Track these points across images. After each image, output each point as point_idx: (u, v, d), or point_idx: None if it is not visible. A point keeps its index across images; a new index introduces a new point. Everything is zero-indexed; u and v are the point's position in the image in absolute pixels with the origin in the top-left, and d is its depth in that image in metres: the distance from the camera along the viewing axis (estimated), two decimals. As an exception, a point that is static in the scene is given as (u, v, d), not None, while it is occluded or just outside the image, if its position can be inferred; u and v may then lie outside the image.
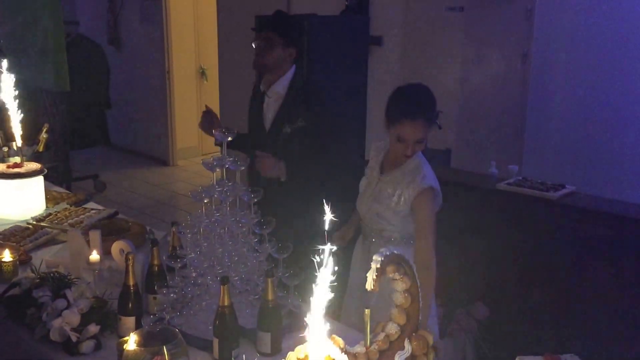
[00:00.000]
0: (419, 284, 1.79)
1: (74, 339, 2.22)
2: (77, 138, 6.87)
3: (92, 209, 3.62)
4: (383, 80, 5.26)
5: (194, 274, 2.34)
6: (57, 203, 3.76)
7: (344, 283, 2.98)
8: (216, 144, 2.61)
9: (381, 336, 1.79)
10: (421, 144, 2.74)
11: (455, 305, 3.38)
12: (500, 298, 3.40)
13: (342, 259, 3.01)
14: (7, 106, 3.54)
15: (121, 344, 2.06)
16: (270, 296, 2.16)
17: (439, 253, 2.95)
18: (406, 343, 1.79)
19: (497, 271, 3.45)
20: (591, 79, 4.46)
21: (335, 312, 2.86)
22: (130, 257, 2.29)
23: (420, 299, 1.83)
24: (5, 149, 3.92)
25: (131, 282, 2.29)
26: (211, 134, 3.10)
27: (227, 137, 2.36)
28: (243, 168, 2.36)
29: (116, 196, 7.20)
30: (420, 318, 1.81)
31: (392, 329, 1.80)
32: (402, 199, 2.71)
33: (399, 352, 1.76)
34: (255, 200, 2.36)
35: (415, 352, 1.81)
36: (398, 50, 5.31)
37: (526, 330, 3.20)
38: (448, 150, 4.38)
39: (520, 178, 3.63)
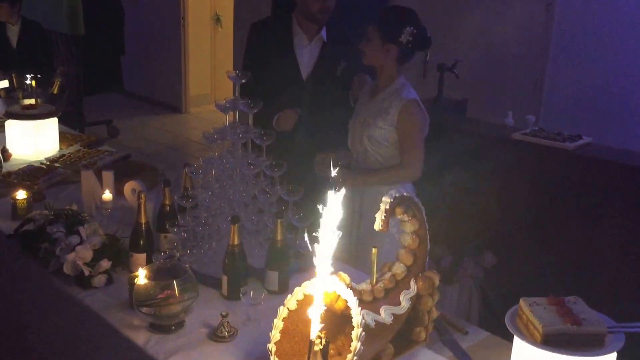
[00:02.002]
0: (422, 212, 1.80)
1: (86, 273, 2.26)
2: (91, 83, 6.86)
3: (106, 151, 3.65)
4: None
5: (204, 214, 2.36)
6: (71, 145, 3.79)
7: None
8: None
9: (387, 275, 1.81)
10: (367, 44, 2.80)
11: (463, 253, 3.39)
12: (509, 247, 3.40)
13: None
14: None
15: (132, 278, 2.09)
16: (279, 236, 2.18)
17: (449, 200, 2.97)
18: (412, 283, 1.81)
19: (508, 221, 3.44)
20: (616, 31, 4.36)
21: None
22: (142, 196, 2.31)
23: (427, 242, 1.84)
24: (20, 91, 3.93)
25: (143, 220, 2.32)
26: None
27: (241, 80, 2.34)
28: (256, 111, 2.34)
29: (129, 142, 7.23)
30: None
31: (399, 269, 1.82)
32: (390, 111, 2.77)
33: (404, 291, 1.78)
34: (268, 142, 2.36)
35: (421, 292, 1.83)
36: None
37: (534, 279, 3.21)
38: (464, 100, 4.32)
39: (537, 128, 3.60)
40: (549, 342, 1.58)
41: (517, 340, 1.69)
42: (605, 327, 1.61)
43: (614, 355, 1.62)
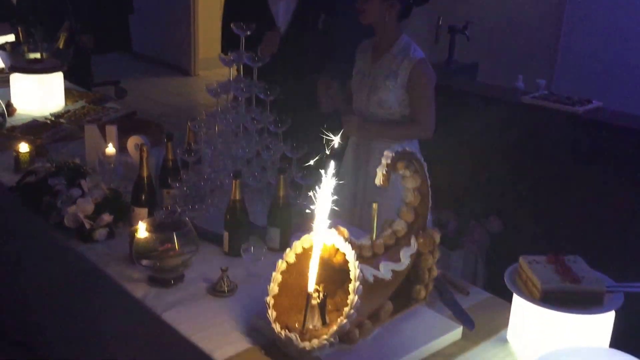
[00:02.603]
0: (424, 168, 1.77)
1: (87, 226, 2.26)
2: (98, 42, 6.78)
3: (111, 108, 3.63)
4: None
5: (207, 170, 2.35)
6: (76, 101, 3.77)
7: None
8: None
9: (388, 232, 1.79)
10: (366, 1, 2.74)
11: (469, 218, 3.36)
12: (516, 213, 3.38)
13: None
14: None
15: (132, 232, 2.09)
16: (281, 193, 2.17)
17: (457, 163, 2.93)
18: (412, 240, 1.79)
19: (515, 185, 3.41)
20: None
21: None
22: (144, 149, 2.29)
23: (429, 199, 1.81)
24: (26, 45, 3.88)
25: (144, 174, 2.31)
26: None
27: (246, 32, 2.30)
28: (261, 64, 2.31)
29: (136, 104, 7.17)
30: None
31: (400, 225, 1.80)
32: (399, 73, 2.74)
33: (404, 248, 1.76)
34: (272, 98, 2.33)
35: (421, 249, 1.81)
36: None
37: (541, 245, 3.19)
38: (475, 64, 4.26)
39: (546, 92, 3.55)
40: (547, 299, 1.57)
41: (516, 297, 1.68)
42: (604, 286, 1.59)
43: (612, 314, 1.61)
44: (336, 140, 1.59)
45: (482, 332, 1.83)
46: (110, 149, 2.66)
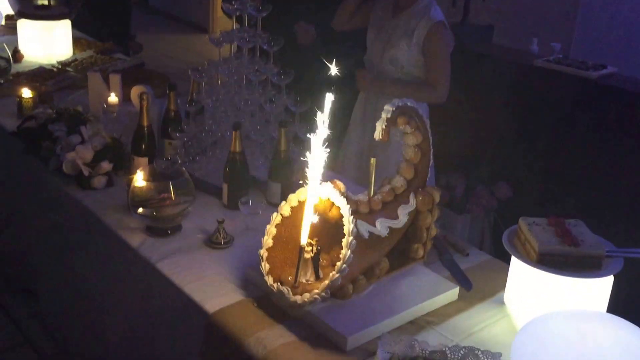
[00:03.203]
0: (426, 125, 1.73)
1: (86, 173, 2.24)
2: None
3: (119, 59, 3.58)
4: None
5: (209, 121, 2.31)
6: (85, 50, 3.73)
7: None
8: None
9: (386, 188, 1.75)
10: None
11: (478, 182, 3.30)
12: (525, 178, 3.32)
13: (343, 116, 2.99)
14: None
15: (130, 180, 2.07)
16: (283, 147, 2.13)
17: (468, 126, 2.87)
18: (411, 197, 1.75)
19: (525, 150, 3.34)
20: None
21: (334, 165, 2.86)
22: (144, 97, 2.26)
23: (430, 156, 1.77)
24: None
25: (145, 123, 2.28)
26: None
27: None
28: (265, 14, 2.24)
29: (151, 60, 7.01)
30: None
31: (399, 182, 1.76)
32: (415, 33, 2.69)
33: (402, 205, 1.73)
34: (276, 49, 2.27)
35: (420, 208, 1.77)
36: None
37: (549, 212, 3.14)
38: (490, 27, 4.15)
39: (561, 56, 3.46)
40: (544, 261, 1.54)
41: (513, 259, 1.65)
42: (603, 250, 1.55)
43: (610, 279, 1.57)
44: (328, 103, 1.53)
45: (479, 293, 1.80)
46: (113, 98, 2.62)
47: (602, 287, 1.57)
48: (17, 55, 3.53)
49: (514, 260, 1.64)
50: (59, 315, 2.55)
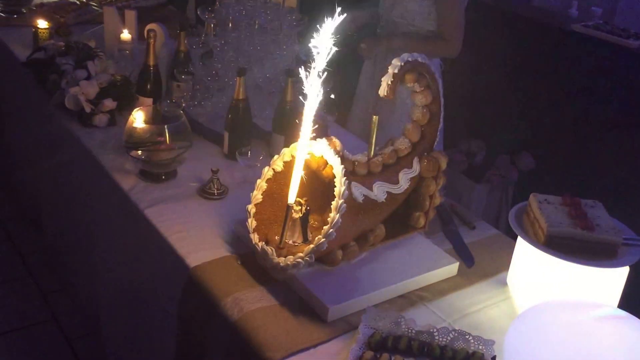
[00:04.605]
0: (438, 84, 1.57)
1: (87, 109, 2.16)
2: None
3: (144, -5, 3.46)
4: None
5: (217, 65, 2.19)
6: (112, -15, 3.62)
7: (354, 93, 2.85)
8: None
9: (388, 149, 1.61)
10: None
11: (499, 151, 3.11)
12: (550, 151, 3.11)
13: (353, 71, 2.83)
14: None
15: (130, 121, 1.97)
16: (288, 97, 2.00)
17: (494, 91, 2.68)
18: (415, 162, 1.61)
19: (552, 121, 3.13)
20: None
21: (342, 121, 2.72)
22: (152, 35, 2.14)
23: (439, 119, 1.62)
24: None
25: (151, 62, 2.17)
26: None
27: None
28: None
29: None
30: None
31: (403, 144, 1.62)
32: None
33: (405, 169, 1.59)
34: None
35: (424, 173, 1.63)
36: None
37: (572, 189, 2.94)
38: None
39: (601, 22, 3.20)
40: (552, 244, 1.39)
41: (520, 240, 1.50)
42: (621, 236, 1.39)
43: (626, 269, 1.41)
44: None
45: (481, 271, 1.67)
46: (126, 35, 2.52)
47: (615, 278, 1.42)
48: (42, -15, 3.45)
49: (520, 240, 1.50)
50: (61, 248, 2.53)
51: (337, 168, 1.44)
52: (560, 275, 1.43)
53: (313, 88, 1.36)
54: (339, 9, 1.32)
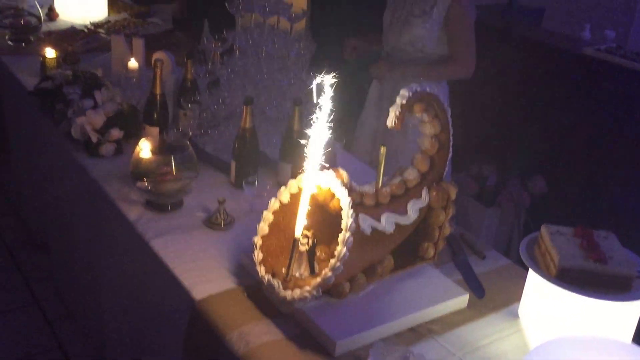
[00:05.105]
0: (447, 114, 1.55)
1: (94, 139, 2.15)
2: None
3: (152, 23, 3.49)
4: None
5: (224, 93, 2.18)
6: (120, 13, 3.65)
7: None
8: None
9: (397, 180, 1.59)
10: None
11: (511, 174, 3.08)
12: (563, 175, 3.08)
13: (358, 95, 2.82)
14: None
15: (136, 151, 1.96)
16: (296, 126, 1.99)
17: (506, 113, 2.65)
18: (424, 192, 1.59)
19: (565, 145, 3.10)
20: None
21: (348, 145, 2.71)
22: (158, 64, 2.14)
23: (449, 148, 1.60)
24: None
25: (158, 91, 2.17)
26: None
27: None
28: (288, -17, 2.09)
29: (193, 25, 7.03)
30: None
31: (412, 174, 1.60)
32: (435, 9, 2.49)
33: (413, 200, 1.57)
34: (297, 22, 2.12)
35: (433, 204, 1.61)
36: None
37: (586, 215, 2.91)
38: (541, 9, 3.89)
39: (614, 45, 3.18)
40: (564, 277, 1.36)
41: (531, 272, 1.47)
42: (634, 269, 1.36)
43: (640, 304, 1.38)
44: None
45: (492, 302, 1.63)
46: (133, 63, 2.52)
47: (629, 312, 1.39)
48: (51, 13, 3.49)
49: (531, 272, 1.47)
50: (67, 276, 2.52)
51: (344, 201, 1.42)
52: (572, 309, 1.40)
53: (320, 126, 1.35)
54: (334, 74, 1.32)
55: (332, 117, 1.40)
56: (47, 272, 2.76)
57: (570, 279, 1.36)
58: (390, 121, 1.50)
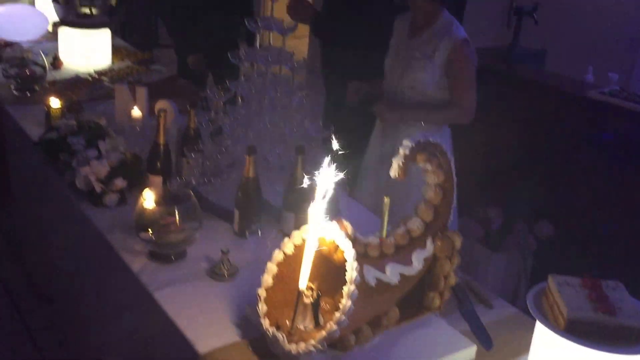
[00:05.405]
0: (450, 163, 1.56)
1: (98, 189, 2.15)
2: (166, 4, 6.72)
3: (155, 70, 3.53)
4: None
5: (227, 142, 2.19)
6: (123, 60, 3.70)
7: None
8: None
9: (401, 230, 1.58)
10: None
11: (517, 218, 3.07)
12: (569, 219, 3.07)
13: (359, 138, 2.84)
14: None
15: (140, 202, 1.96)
16: (298, 175, 1.98)
17: (510, 156, 2.65)
18: (428, 242, 1.58)
19: (570, 188, 3.09)
20: None
21: (350, 189, 2.71)
22: (162, 114, 2.15)
23: (453, 198, 1.59)
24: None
25: (161, 141, 2.17)
26: (302, 21, 2.91)
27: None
28: (291, 33, 2.12)
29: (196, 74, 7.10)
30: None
31: (416, 224, 1.59)
32: (437, 54, 2.51)
33: (418, 250, 1.56)
34: (299, 70, 2.14)
35: (438, 253, 1.60)
36: None
37: (593, 259, 2.88)
38: (543, 51, 3.92)
39: (618, 88, 3.19)
40: (573, 330, 1.34)
41: (539, 324, 1.45)
42: (644, 322, 1.34)
43: (651, 357, 1.35)
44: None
45: (500, 354, 1.61)
46: (136, 112, 2.54)
47: (640, 363, 1.36)
48: (56, 62, 3.52)
49: (539, 324, 1.45)
50: (70, 325, 2.50)
51: (348, 253, 1.41)
52: (582, 361, 1.37)
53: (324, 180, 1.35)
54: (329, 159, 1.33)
55: (336, 165, 1.40)
56: (50, 322, 2.74)
57: (579, 331, 1.34)
58: (394, 171, 1.50)
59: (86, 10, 3.62)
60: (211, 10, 3.34)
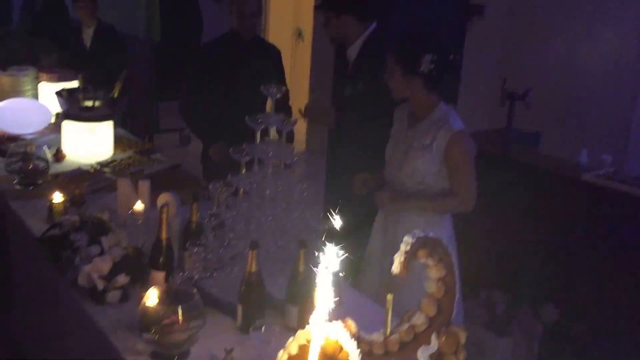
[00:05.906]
0: (451, 257, 1.56)
1: (100, 286, 2.15)
2: (165, 90, 6.89)
3: (156, 160, 3.59)
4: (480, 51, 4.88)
5: (230, 235, 2.21)
6: (125, 151, 3.76)
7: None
8: None
9: (405, 326, 1.58)
10: (390, 79, 2.60)
11: (521, 301, 3.06)
12: (572, 302, 3.05)
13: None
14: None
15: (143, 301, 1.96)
16: (301, 268, 2.00)
17: (511, 239, 2.67)
18: (433, 338, 1.57)
19: (573, 271, 3.09)
20: None
21: (353, 278, 2.69)
22: (164, 210, 2.18)
23: (455, 291, 1.60)
24: (82, 92, 3.92)
25: (163, 236, 2.19)
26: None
27: (276, 94, 2.19)
28: (290, 128, 2.18)
29: (199, 152, 7.20)
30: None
31: (419, 319, 1.59)
32: (435, 143, 2.54)
33: (423, 346, 1.55)
34: (300, 164, 2.19)
35: (443, 349, 1.58)
36: (500, 22, 4.91)
37: (600, 342, 2.85)
38: (538, 134, 4.00)
39: (612, 170, 3.24)
40: None
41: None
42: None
43: None
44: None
45: None
46: (139, 206, 2.56)
47: None
48: (59, 155, 3.57)
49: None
50: None
51: (353, 354, 1.40)
52: None
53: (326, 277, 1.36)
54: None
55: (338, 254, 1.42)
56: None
57: None
58: (396, 268, 1.51)
59: (89, 104, 3.70)
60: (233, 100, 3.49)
